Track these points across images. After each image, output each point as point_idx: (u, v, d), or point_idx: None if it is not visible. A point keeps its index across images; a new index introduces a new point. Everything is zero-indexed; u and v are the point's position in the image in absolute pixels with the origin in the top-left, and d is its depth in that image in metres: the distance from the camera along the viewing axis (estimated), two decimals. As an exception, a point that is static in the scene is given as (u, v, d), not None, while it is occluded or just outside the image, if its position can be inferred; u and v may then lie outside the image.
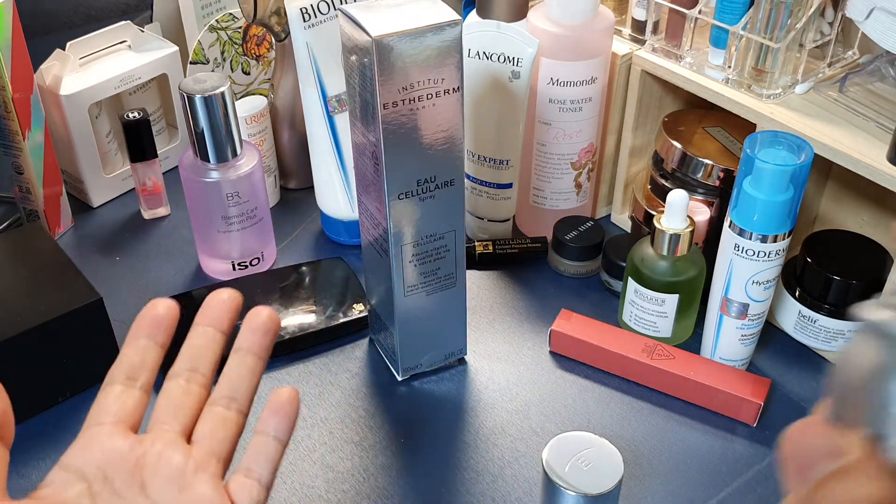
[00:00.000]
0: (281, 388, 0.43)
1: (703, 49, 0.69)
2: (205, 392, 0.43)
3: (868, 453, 0.26)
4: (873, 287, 0.64)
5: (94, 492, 0.39)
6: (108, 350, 0.65)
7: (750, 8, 0.64)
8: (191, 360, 0.43)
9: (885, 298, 0.24)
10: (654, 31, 0.71)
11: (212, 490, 0.39)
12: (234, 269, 0.75)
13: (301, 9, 0.68)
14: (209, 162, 0.69)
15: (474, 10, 0.73)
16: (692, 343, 0.69)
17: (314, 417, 0.64)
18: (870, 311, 0.24)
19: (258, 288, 0.72)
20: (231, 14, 0.85)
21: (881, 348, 0.24)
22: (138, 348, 0.43)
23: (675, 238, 0.64)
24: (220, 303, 0.45)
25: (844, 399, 0.26)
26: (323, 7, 0.69)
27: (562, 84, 0.71)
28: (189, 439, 0.41)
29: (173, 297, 0.71)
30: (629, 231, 0.79)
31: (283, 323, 0.69)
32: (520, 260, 0.77)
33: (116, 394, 0.42)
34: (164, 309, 0.44)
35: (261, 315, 0.44)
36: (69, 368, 0.63)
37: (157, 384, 0.43)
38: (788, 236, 0.59)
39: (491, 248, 0.76)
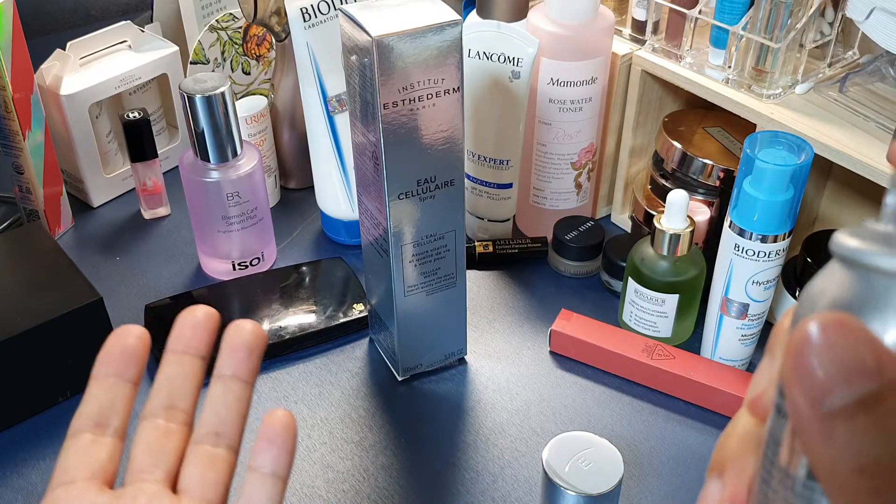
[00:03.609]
0: (274, 410, 0.37)
1: (704, 49, 0.69)
2: (187, 430, 0.37)
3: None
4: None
5: None
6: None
7: (750, 8, 0.64)
8: (167, 394, 0.37)
9: (863, 227, 0.21)
10: (655, 31, 0.71)
11: None
12: (234, 269, 0.75)
13: (301, 9, 0.68)
14: (209, 162, 0.69)
15: (474, 10, 0.73)
16: (692, 343, 0.69)
17: (314, 417, 0.64)
18: (844, 238, 0.21)
19: (258, 288, 0.72)
20: (231, 14, 0.85)
21: (853, 280, 0.20)
22: (106, 388, 0.37)
23: (676, 238, 0.64)
24: (194, 324, 0.38)
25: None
26: (323, 7, 0.69)
27: (562, 84, 0.71)
28: (175, 488, 0.36)
29: (173, 297, 0.71)
30: (629, 231, 0.79)
31: (283, 323, 0.69)
32: (520, 260, 0.77)
33: (85, 445, 0.36)
34: (133, 339, 0.37)
35: (243, 331, 0.38)
36: (69, 368, 0.63)
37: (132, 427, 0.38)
38: (788, 236, 0.59)
39: (491, 248, 0.76)
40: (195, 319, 0.38)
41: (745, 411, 0.26)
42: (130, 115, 0.77)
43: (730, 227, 0.60)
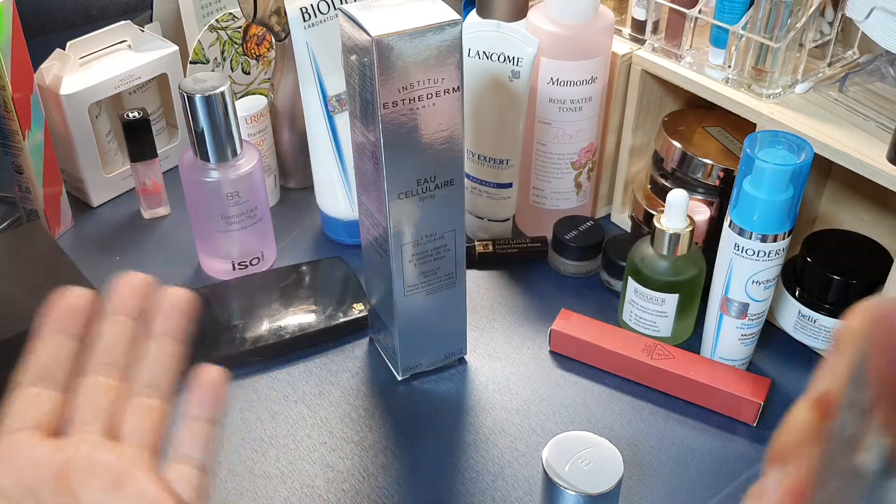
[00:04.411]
0: (206, 366, 0.41)
1: (703, 49, 0.69)
2: (125, 385, 0.40)
3: None
4: (873, 287, 0.64)
5: None
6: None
7: (750, 7, 0.64)
8: (105, 353, 0.40)
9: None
10: (654, 30, 0.71)
11: (150, 484, 0.36)
12: (234, 268, 0.75)
13: (301, 8, 0.68)
14: (209, 162, 0.69)
15: (474, 10, 0.73)
16: (692, 343, 0.69)
17: (314, 417, 0.64)
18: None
19: (258, 288, 0.72)
20: (231, 14, 0.85)
21: None
22: (51, 345, 0.40)
23: (675, 238, 0.64)
24: (130, 289, 0.42)
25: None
26: (323, 7, 0.69)
27: (562, 84, 0.71)
28: (115, 437, 0.38)
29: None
30: (629, 231, 0.79)
31: (283, 323, 0.69)
32: (520, 260, 0.77)
33: (30, 397, 0.38)
34: (77, 298, 0.40)
35: (174, 296, 0.42)
36: (69, 368, 0.63)
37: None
38: (788, 236, 0.59)
39: (491, 247, 0.76)
40: (130, 285, 0.42)
41: (806, 407, 0.27)
42: (130, 115, 0.77)
43: (730, 226, 0.60)
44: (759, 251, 0.59)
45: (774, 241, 0.59)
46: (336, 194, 0.77)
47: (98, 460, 0.37)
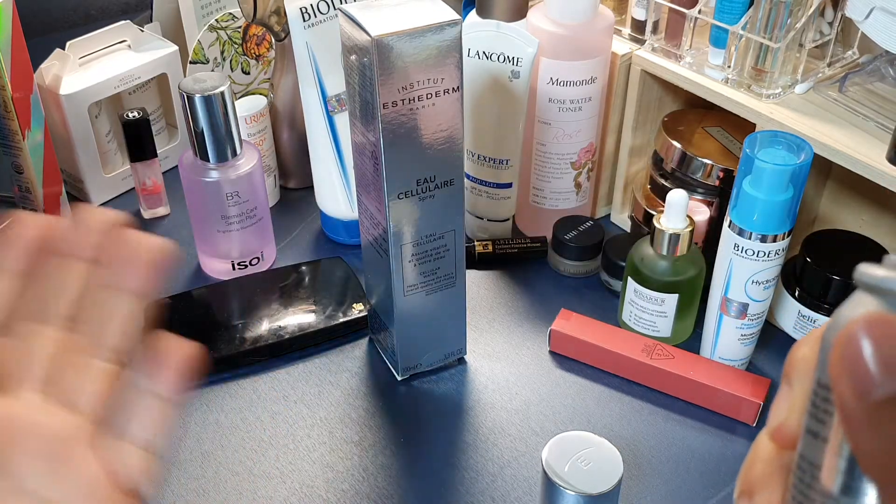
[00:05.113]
0: (176, 337, 0.34)
1: (703, 49, 0.69)
2: (74, 341, 0.33)
3: None
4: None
5: None
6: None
7: (750, 8, 0.64)
8: (55, 298, 0.33)
9: (887, 259, 0.23)
10: (654, 30, 0.71)
11: (90, 462, 0.31)
12: (233, 268, 0.75)
13: (301, 8, 0.68)
14: (209, 162, 0.69)
15: (474, 10, 0.73)
16: (692, 343, 0.69)
17: (314, 417, 0.64)
18: (869, 269, 0.23)
19: (258, 288, 0.72)
20: (231, 14, 0.85)
21: (880, 306, 0.22)
22: None
23: (675, 238, 0.64)
24: (94, 228, 0.34)
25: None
26: (323, 7, 0.69)
27: (562, 84, 0.71)
28: (56, 400, 0.32)
29: (172, 296, 0.71)
30: (629, 231, 0.79)
31: (283, 322, 0.69)
32: (520, 260, 0.77)
33: None
34: (30, 228, 0.33)
35: (146, 244, 0.35)
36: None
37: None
38: (788, 236, 0.59)
39: (491, 247, 0.76)
40: (97, 221, 0.34)
41: (766, 438, 0.27)
42: (130, 115, 0.77)
43: (729, 226, 0.60)
44: (758, 251, 0.59)
45: (774, 241, 0.59)
46: (336, 194, 0.77)
47: (33, 424, 0.30)
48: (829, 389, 0.23)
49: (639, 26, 0.72)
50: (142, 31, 0.84)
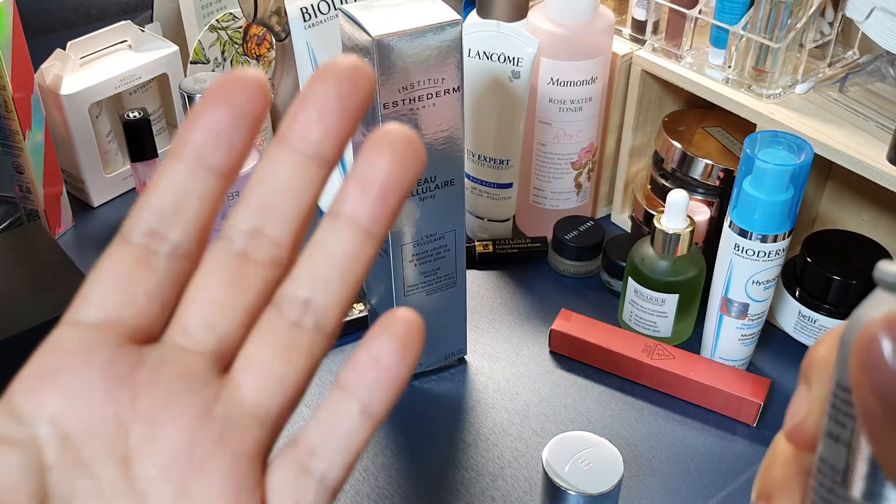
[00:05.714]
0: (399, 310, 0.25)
1: (703, 49, 0.69)
2: (272, 275, 0.23)
3: None
4: (873, 287, 0.64)
5: (45, 465, 0.22)
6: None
7: (750, 8, 0.64)
8: (260, 207, 0.24)
9: None
10: (654, 30, 0.71)
11: (227, 491, 0.22)
12: (234, 268, 0.75)
13: (301, 8, 0.68)
14: (209, 162, 0.69)
15: (474, 10, 0.73)
16: (692, 343, 0.69)
17: (314, 417, 0.64)
18: (890, 267, 0.22)
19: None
20: (231, 14, 0.85)
21: None
22: (183, 173, 0.24)
23: (675, 238, 0.64)
24: (316, 120, 0.23)
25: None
26: (323, 7, 0.69)
27: (562, 84, 0.71)
28: (226, 367, 0.23)
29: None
30: (629, 231, 0.79)
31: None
32: (520, 260, 0.77)
33: (126, 263, 0.23)
34: (252, 83, 0.23)
35: (392, 146, 0.23)
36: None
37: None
38: (788, 236, 0.59)
39: (491, 247, 0.76)
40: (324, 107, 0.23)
41: (784, 440, 0.26)
42: (130, 115, 0.77)
43: (730, 226, 0.60)
44: (759, 251, 0.59)
45: (774, 241, 0.59)
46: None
47: (177, 415, 0.22)
48: (849, 392, 0.22)
49: (639, 26, 0.72)
50: (142, 31, 0.84)
